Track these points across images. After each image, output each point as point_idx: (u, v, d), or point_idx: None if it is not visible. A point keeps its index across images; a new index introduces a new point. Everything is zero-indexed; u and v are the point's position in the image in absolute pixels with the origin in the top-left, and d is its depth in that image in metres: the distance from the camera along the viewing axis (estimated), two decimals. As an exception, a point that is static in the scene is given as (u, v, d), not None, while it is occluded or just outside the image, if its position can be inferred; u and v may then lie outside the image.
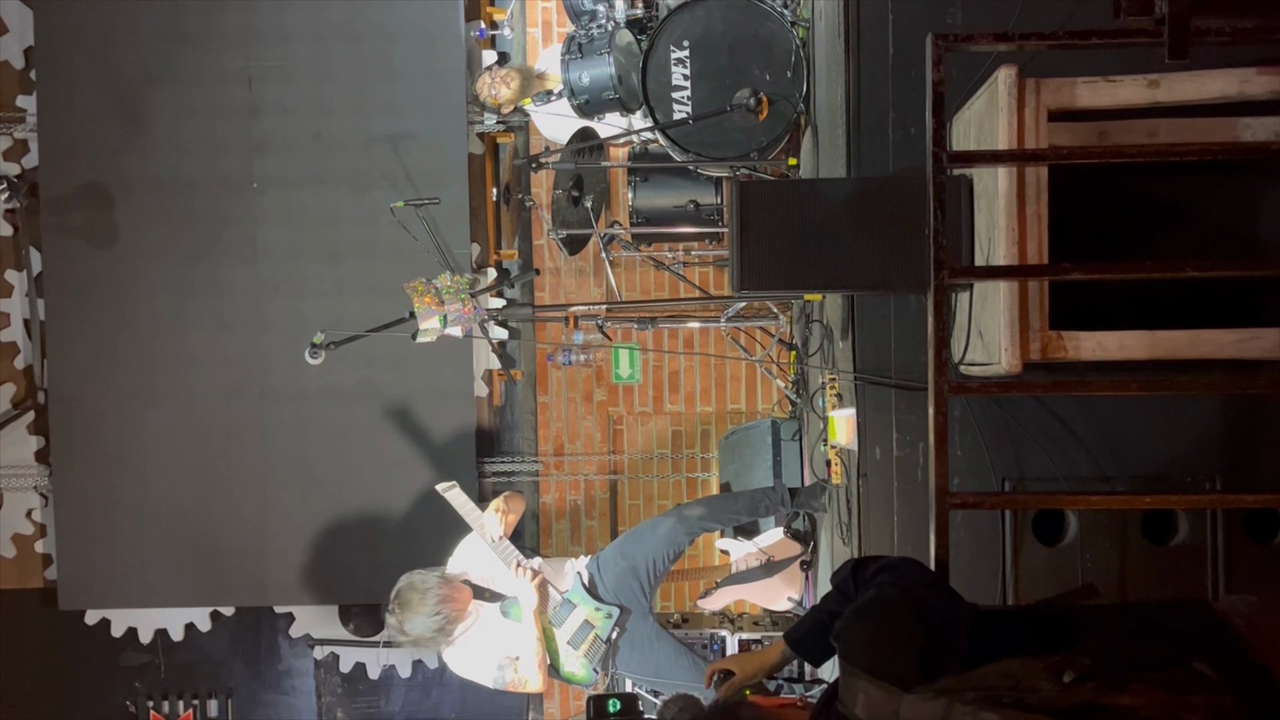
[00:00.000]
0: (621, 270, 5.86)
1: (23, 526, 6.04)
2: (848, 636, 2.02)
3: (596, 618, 4.22)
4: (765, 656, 2.57)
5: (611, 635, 4.22)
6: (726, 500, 4.76)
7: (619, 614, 4.23)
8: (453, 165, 5.76)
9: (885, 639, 1.97)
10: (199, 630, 6.08)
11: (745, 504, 4.63)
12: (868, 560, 2.26)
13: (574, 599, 4.23)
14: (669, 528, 4.39)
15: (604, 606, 4.23)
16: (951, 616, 2.01)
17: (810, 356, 4.57)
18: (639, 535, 4.43)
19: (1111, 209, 3.33)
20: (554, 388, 6.07)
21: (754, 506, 4.62)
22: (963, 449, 3.41)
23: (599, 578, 4.32)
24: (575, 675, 4.25)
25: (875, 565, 2.21)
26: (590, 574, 4.33)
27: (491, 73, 5.41)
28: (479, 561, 4.23)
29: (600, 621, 4.21)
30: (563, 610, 4.20)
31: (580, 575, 4.30)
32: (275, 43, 5.79)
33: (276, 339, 5.74)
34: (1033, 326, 2.90)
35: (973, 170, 3.20)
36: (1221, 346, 2.93)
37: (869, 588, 2.15)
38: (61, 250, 5.82)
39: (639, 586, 4.31)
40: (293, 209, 5.81)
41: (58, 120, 5.80)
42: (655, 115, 4.69)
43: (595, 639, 4.19)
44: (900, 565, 2.19)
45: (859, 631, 2.01)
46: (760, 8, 4.66)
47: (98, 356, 5.81)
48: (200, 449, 5.82)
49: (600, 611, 4.22)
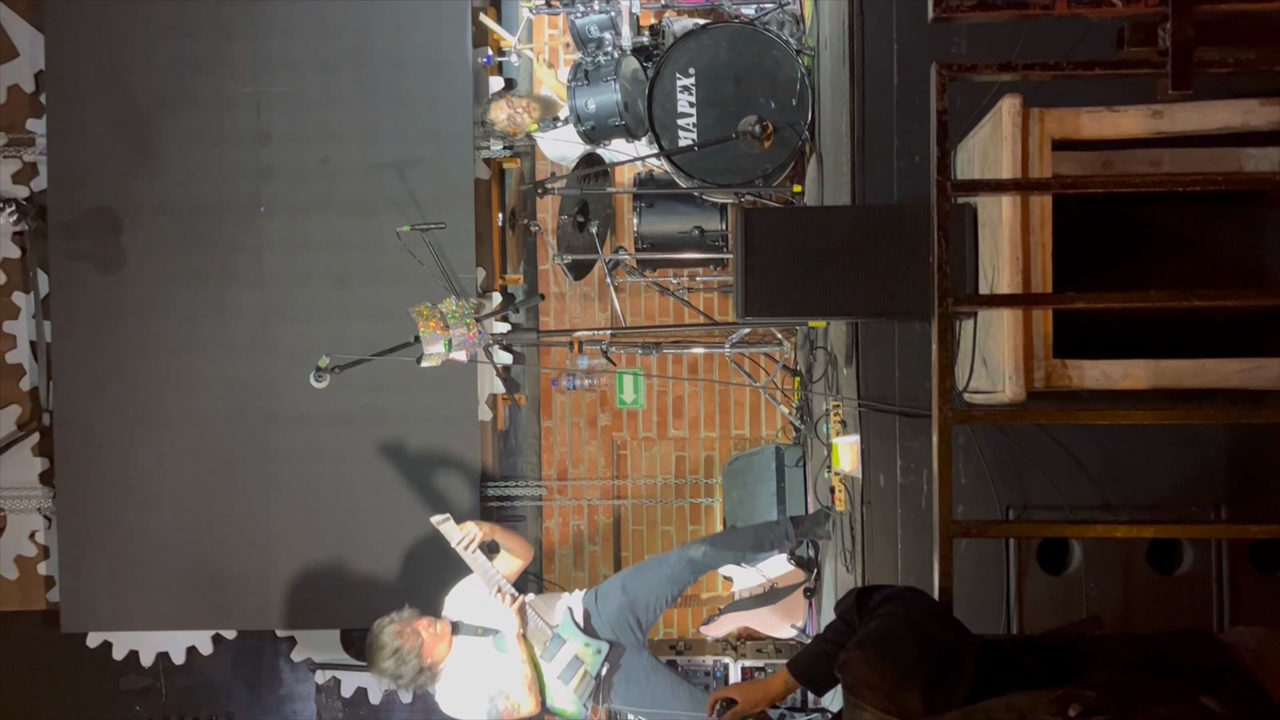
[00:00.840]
0: (626, 295, 5.87)
1: (26, 548, 6.04)
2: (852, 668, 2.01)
3: (586, 653, 4.21)
4: (768, 685, 2.55)
5: (601, 671, 4.21)
6: (732, 538, 4.75)
7: (609, 650, 4.22)
8: (459, 190, 5.79)
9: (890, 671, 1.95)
10: (201, 653, 6.06)
11: (750, 540, 4.62)
12: (872, 590, 2.25)
13: (564, 634, 4.23)
14: (673, 566, 4.38)
15: (594, 642, 4.22)
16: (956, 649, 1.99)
17: (814, 383, 4.57)
18: (643, 571, 4.43)
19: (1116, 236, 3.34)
20: (558, 412, 6.07)
21: (759, 542, 4.61)
22: (966, 476, 3.42)
23: (595, 610, 4.32)
24: (565, 711, 4.25)
25: (880, 595, 2.20)
26: (585, 608, 4.33)
27: (510, 102, 5.43)
28: (473, 603, 4.24)
29: (590, 657, 4.21)
30: (552, 645, 4.20)
31: (572, 610, 4.30)
32: (284, 69, 5.83)
33: (282, 362, 5.76)
34: (1037, 354, 2.90)
35: (977, 198, 3.21)
36: (1226, 376, 2.93)
37: (873, 618, 2.14)
38: (69, 273, 5.85)
39: (636, 621, 4.32)
40: (299, 234, 5.84)
41: (67, 144, 5.84)
42: (661, 142, 4.72)
43: (585, 675, 4.19)
44: (905, 595, 2.18)
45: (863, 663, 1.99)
46: (766, 36, 4.69)
47: (103, 379, 5.83)
48: (204, 472, 5.82)
49: (590, 647, 4.22)
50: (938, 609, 2.25)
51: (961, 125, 3.22)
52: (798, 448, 5.28)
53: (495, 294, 5.93)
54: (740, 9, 5.15)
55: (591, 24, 5.04)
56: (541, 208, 5.87)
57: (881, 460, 3.59)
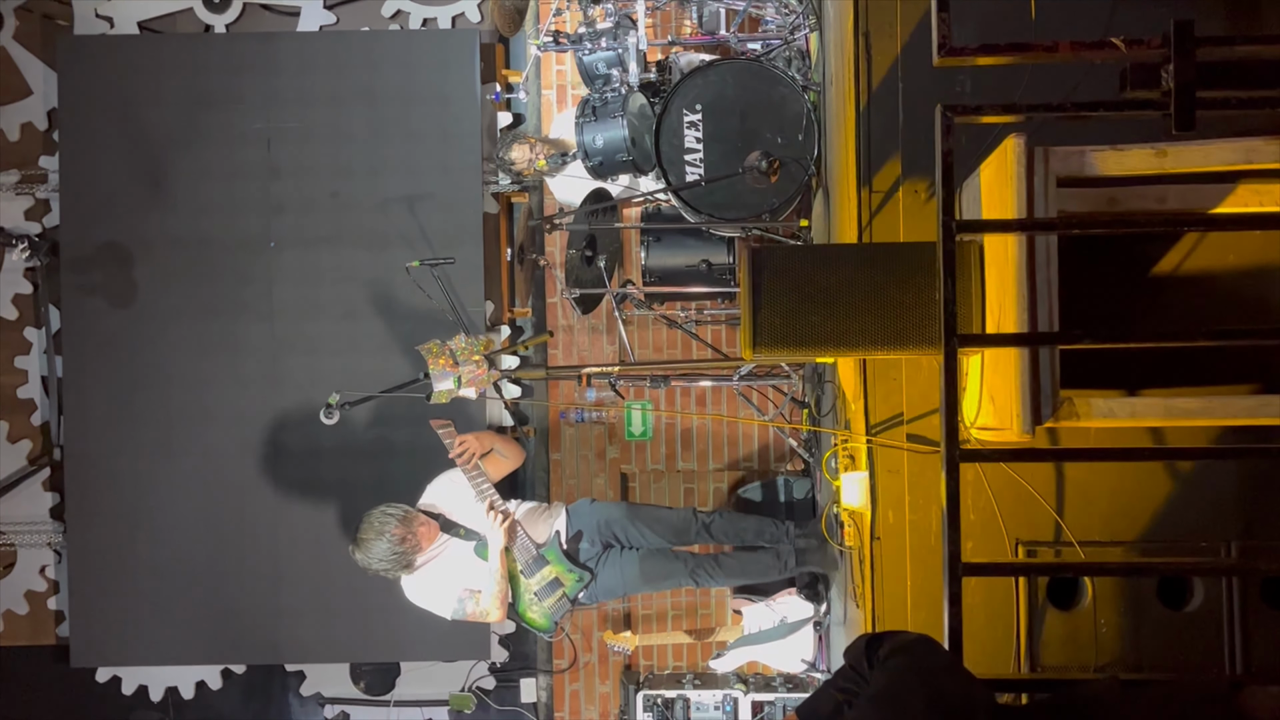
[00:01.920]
0: (634, 328, 5.89)
1: (36, 583, 6.05)
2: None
3: (568, 579, 4.30)
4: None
5: (578, 596, 4.31)
6: (738, 517, 4.86)
7: (589, 580, 4.30)
8: (468, 225, 5.82)
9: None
10: (210, 688, 6.05)
11: (753, 526, 4.73)
12: (883, 638, 2.23)
13: (548, 555, 4.28)
14: (680, 514, 4.59)
15: (576, 569, 4.30)
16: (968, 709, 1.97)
17: (823, 417, 4.58)
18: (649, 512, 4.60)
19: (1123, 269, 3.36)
20: (566, 445, 6.08)
21: (760, 531, 4.71)
22: (975, 511, 3.42)
23: (591, 532, 4.43)
24: (535, 622, 4.39)
25: (890, 645, 2.18)
26: (575, 528, 4.43)
27: (533, 146, 5.46)
28: (455, 498, 4.34)
29: (571, 583, 4.30)
30: (535, 564, 4.26)
31: (560, 534, 4.35)
32: (294, 105, 5.88)
33: (292, 396, 5.77)
34: (1044, 391, 2.91)
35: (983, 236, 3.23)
36: (1234, 411, 2.94)
37: (883, 670, 2.12)
38: (80, 308, 5.88)
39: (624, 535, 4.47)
40: (309, 268, 5.87)
41: (79, 180, 5.88)
42: (668, 177, 4.75)
43: (562, 597, 4.27)
44: (914, 648, 2.17)
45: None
46: (772, 72, 4.73)
47: (114, 413, 5.85)
48: (214, 506, 5.83)
49: (572, 574, 4.30)
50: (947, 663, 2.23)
51: (967, 162, 3.24)
52: (806, 480, 5.28)
53: (504, 327, 5.96)
54: (747, 45, 5.19)
55: (599, 61, 5.08)
56: (550, 242, 5.90)
57: (890, 496, 3.60)
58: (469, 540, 4.29)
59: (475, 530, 4.30)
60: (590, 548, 4.46)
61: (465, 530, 4.30)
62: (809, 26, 4.95)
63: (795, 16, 5.04)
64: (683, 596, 5.85)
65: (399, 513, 4.20)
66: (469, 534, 4.29)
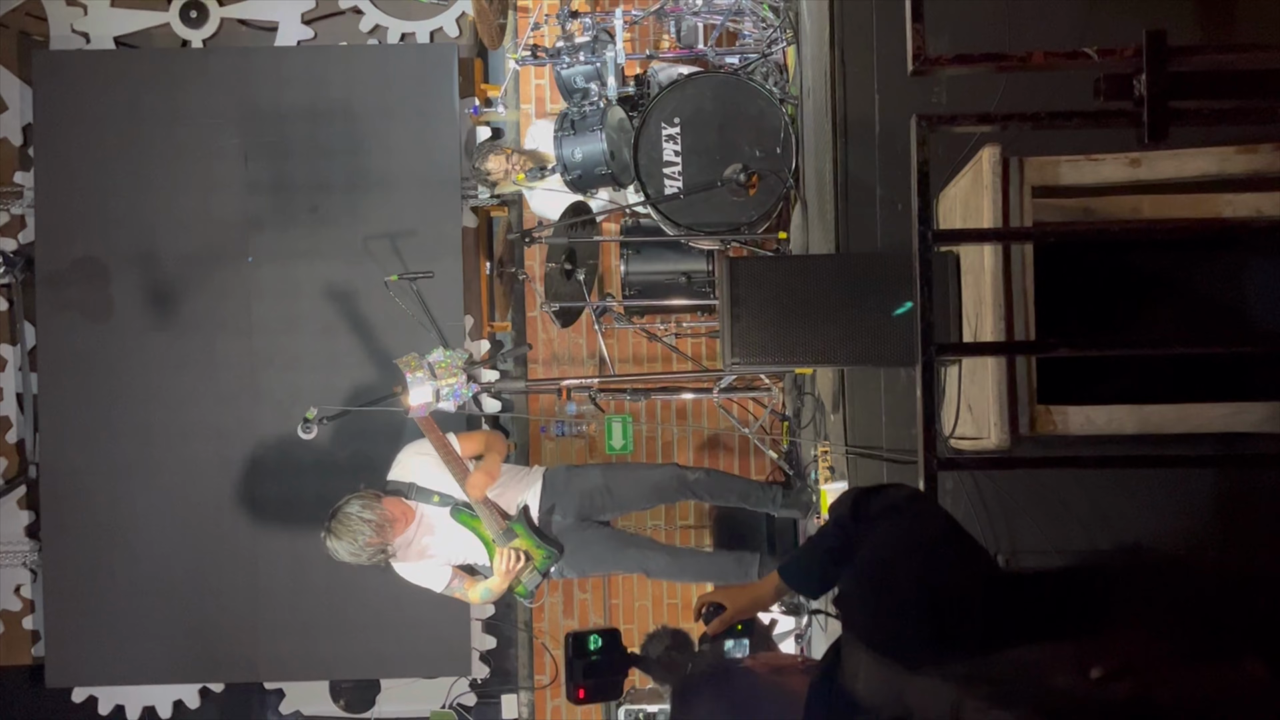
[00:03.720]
0: (614, 342, 5.89)
1: (11, 603, 5.99)
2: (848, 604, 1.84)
3: (537, 554, 4.22)
4: (758, 591, 2.35)
5: (549, 570, 4.24)
6: (724, 476, 4.83)
7: (557, 556, 4.23)
8: (447, 239, 5.82)
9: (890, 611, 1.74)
10: (188, 707, 5.99)
11: (739, 488, 4.71)
12: (871, 494, 1.99)
13: (516, 529, 4.23)
14: (663, 475, 4.55)
15: (544, 546, 4.22)
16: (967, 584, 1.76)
17: (803, 429, 4.58)
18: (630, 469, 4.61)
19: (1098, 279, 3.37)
20: (547, 458, 6.06)
21: (746, 494, 4.70)
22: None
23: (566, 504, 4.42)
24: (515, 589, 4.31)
25: (880, 503, 1.94)
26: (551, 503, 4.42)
27: (505, 153, 5.47)
28: (424, 468, 4.32)
29: (540, 558, 4.22)
30: (504, 536, 4.20)
31: (528, 508, 4.30)
32: (272, 120, 5.87)
33: (270, 412, 5.75)
34: (1021, 400, 2.91)
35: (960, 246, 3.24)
36: (1210, 420, 2.94)
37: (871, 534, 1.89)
38: (56, 325, 5.85)
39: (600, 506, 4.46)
40: (288, 283, 5.85)
41: (55, 196, 5.86)
42: (647, 190, 4.75)
43: (533, 570, 4.20)
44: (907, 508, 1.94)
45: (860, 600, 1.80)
46: (749, 85, 4.74)
47: (90, 431, 5.81)
48: (191, 523, 5.79)
49: (541, 550, 4.22)
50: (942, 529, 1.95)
51: (944, 172, 3.25)
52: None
53: (483, 341, 5.94)
54: (724, 59, 5.21)
55: (577, 74, 5.09)
56: (529, 255, 5.89)
57: (870, 506, 3.59)
58: (444, 505, 4.28)
59: (449, 495, 4.28)
60: (562, 520, 4.43)
61: (440, 496, 4.29)
62: (786, 40, 4.97)
63: (772, 30, 5.06)
64: (663, 609, 5.84)
65: (374, 518, 4.15)
66: (443, 499, 4.28)
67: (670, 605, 5.93)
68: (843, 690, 1.75)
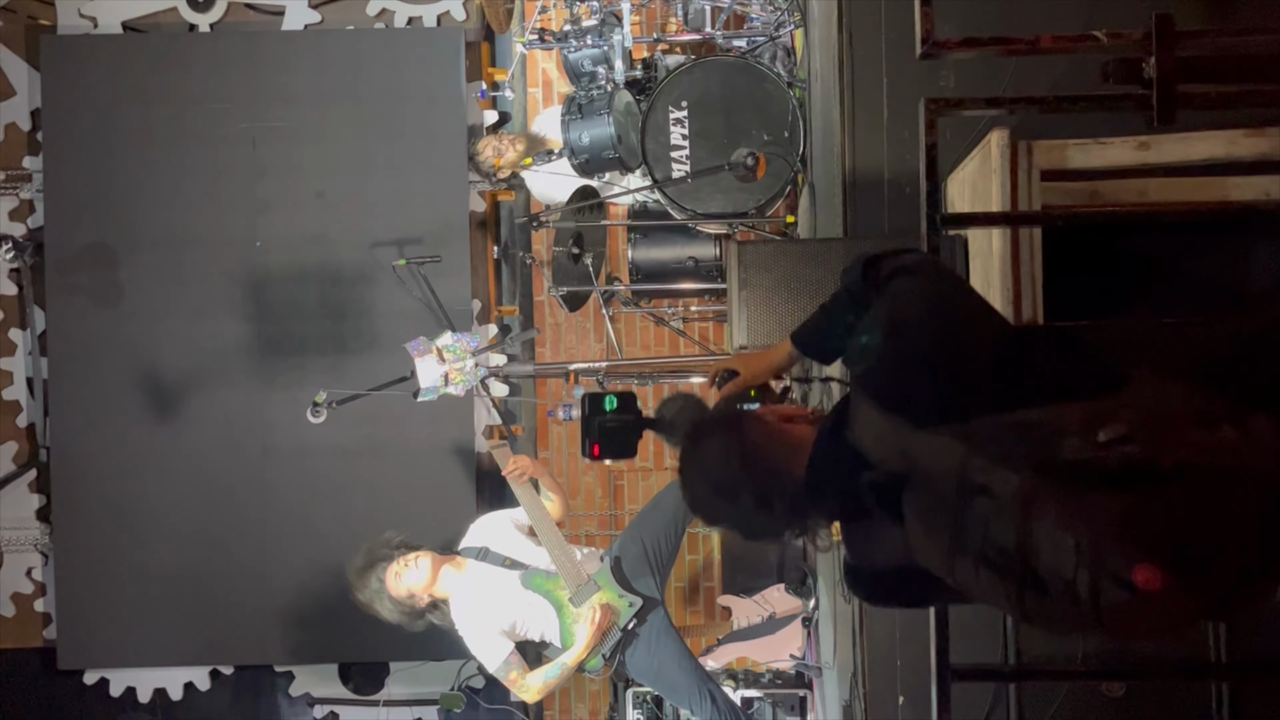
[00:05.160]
0: (621, 326, 5.90)
1: (23, 585, 6.03)
2: (858, 358, 1.82)
3: (620, 605, 4.12)
4: (771, 357, 2.30)
5: (629, 625, 4.13)
6: None
7: (641, 605, 4.14)
8: (454, 223, 5.82)
9: (899, 366, 1.72)
10: (198, 689, 6.03)
11: None
12: (881, 258, 1.92)
13: (600, 581, 4.14)
14: (672, 501, 4.36)
15: (627, 595, 4.14)
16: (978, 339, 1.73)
17: (810, 412, 4.59)
18: (647, 516, 4.41)
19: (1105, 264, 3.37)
20: (555, 443, 6.09)
21: None
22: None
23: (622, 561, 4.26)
24: (585, 663, 4.16)
25: (891, 265, 1.88)
26: (616, 557, 4.27)
27: (498, 135, 5.48)
28: (500, 532, 4.23)
29: (624, 610, 4.12)
30: (584, 591, 4.08)
31: (607, 560, 4.22)
32: (279, 104, 5.87)
33: (279, 396, 5.76)
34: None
35: (968, 230, 3.24)
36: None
37: (884, 295, 1.84)
38: (65, 309, 5.86)
39: (651, 570, 4.25)
40: (295, 267, 5.86)
41: (63, 181, 5.87)
42: (654, 174, 4.76)
43: (613, 626, 4.11)
44: (920, 268, 1.87)
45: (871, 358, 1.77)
46: (758, 69, 4.74)
47: (100, 414, 5.83)
48: (201, 506, 5.82)
49: (624, 599, 4.13)
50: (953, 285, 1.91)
51: (952, 156, 3.26)
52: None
53: (491, 326, 5.96)
54: (732, 42, 5.20)
55: (584, 58, 5.09)
56: (536, 240, 5.90)
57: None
58: (514, 570, 4.15)
59: (520, 561, 4.17)
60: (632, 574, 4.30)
61: (511, 560, 4.17)
62: (794, 23, 4.96)
63: (780, 13, 5.05)
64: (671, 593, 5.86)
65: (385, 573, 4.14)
66: (514, 564, 4.16)
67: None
68: (849, 443, 1.75)
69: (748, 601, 5.03)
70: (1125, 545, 1.45)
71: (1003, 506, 1.52)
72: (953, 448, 1.59)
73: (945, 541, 1.61)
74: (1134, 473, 1.47)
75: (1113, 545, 1.46)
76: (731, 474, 1.85)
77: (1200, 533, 1.47)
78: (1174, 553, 1.45)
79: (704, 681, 4.34)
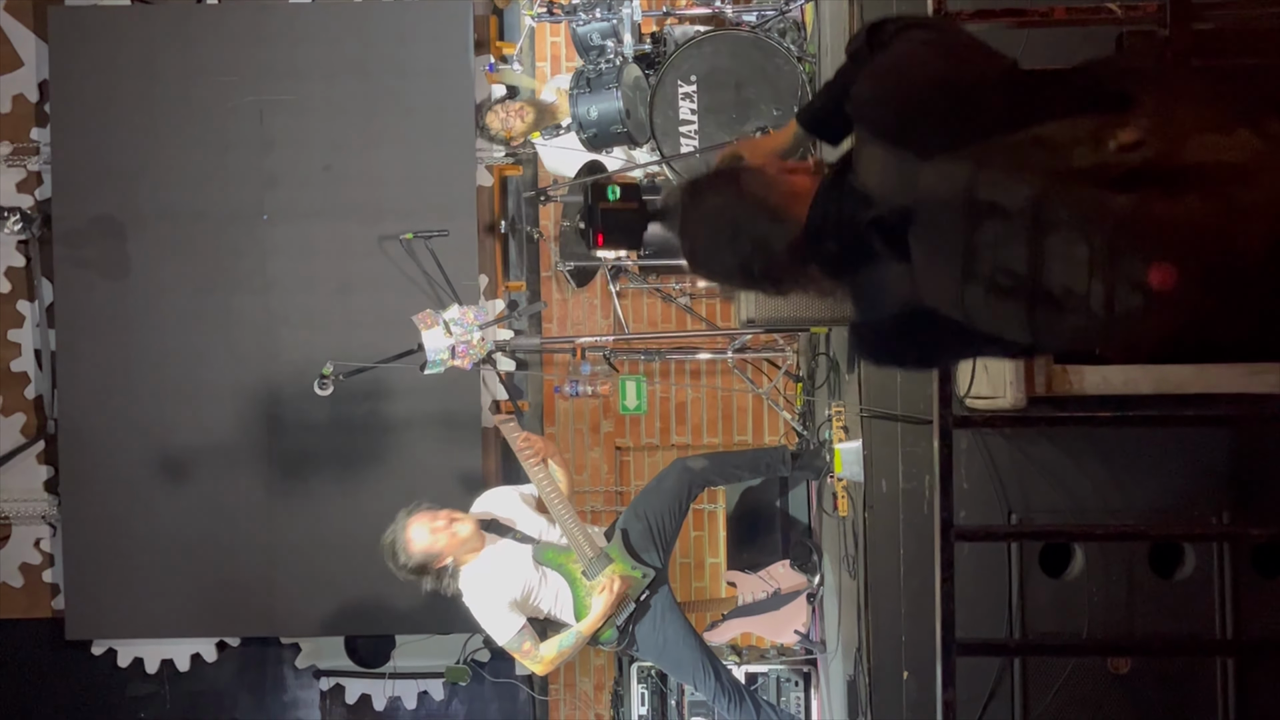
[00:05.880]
0: (629, 303, 5.88)
1: (31, 556, 6.05)
2: (861, 99, 1.77)
3: (633, 575, 4.12)
4: (777, 139, 2.23)
5: (642, 596, 4.13)
6: (729, 455, 4.78)
7: (654, 576, 4.14)
8: (461, 197, 5.81)
9: (904, 99, 1.68)
10: (205, 661, 6.07)
11: (748, 461, 4.65)
12: (886, 21, 1.86)
13: (612, 553, 4.14)
14: (674, 480, 4.37)
15: (640, 566, 4.15)
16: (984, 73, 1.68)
17: (817, 389, 4.59)
18: (649, 493, 4.41)
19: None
20: (561, 419, 6.09)
21: (755, 464, 4.64)
22: (969, 482, 3.41)
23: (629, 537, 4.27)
24: (599, 634, 4.16)
25: (895, 25, 1.82)
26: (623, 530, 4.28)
27: (505, 105, 5.47)
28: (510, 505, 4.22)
29: (638, 580, 4.13)
30: (597, 563, 4.09)
31: (627, 532, 4.23)
32: (287, 77, 5.85)
33: (286, 370, 5.76)
34: (1038, 360, 2.91)
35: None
36: (1228, 380, 2.94)
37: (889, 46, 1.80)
38: (73, 281, 5.87)
39: (655, 546, 4.26)
40: (303, 241, 5.85)
41: (71, 153, 5.86)
42: (663, 149, 4.74)
43: (628, 597, 4.12)
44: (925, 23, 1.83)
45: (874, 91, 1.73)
46: (767, 44, 4.71)
47: (108, 387, 5.84)
48: (209, 479, 5.83)
49: (637, 570, 4.13)
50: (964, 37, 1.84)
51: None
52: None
53: (498, 301, 5.95)
54: (742, 16, 5.17)
55: (593, 32, 5.05)
56: (544, 215, 5.88)
57: (884, 466, 3.60)
58: (524, 545, 4.13)
59: (530, 535, 4.15)
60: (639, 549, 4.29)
61: (521, 535, 4.15)
62: (804, -3, 4.93)
63: (791, -12, 5.01)
64: (676, 568, 5.87)
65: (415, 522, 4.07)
66: (524, 538, 4.14)
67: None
68: (853, 187, 1.72)
69: (753, 577, 5.03)
70: (1140, 244, 1.42)
71: (1013, 223, 1.49)
72: (961, 170, 1.55)
73: (955, 270, 1.56)
74: (1148, 176, 1.43)
75: (1127, 245, 1.42)
76: (731, 217, 1.81)
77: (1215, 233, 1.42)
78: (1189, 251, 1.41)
79: (708, 657, 4.35)
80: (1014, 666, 3.42)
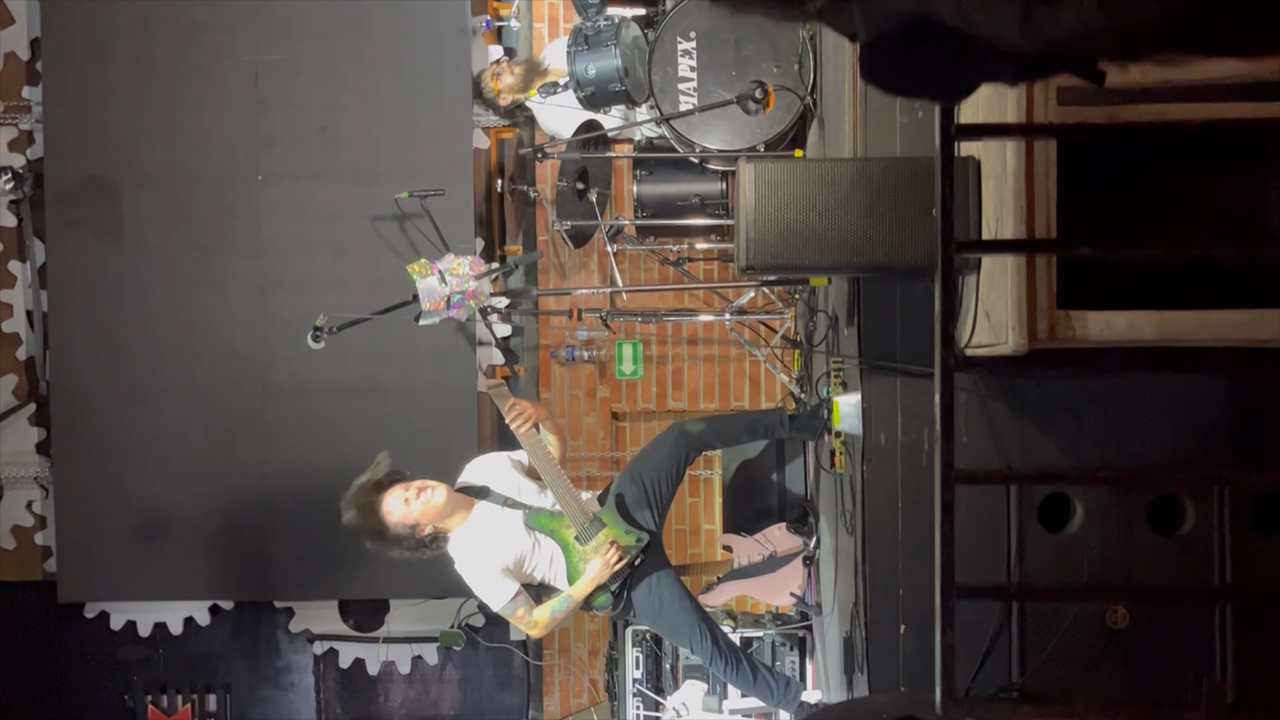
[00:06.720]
0: (626, 266, 5.84)
1: (23, 518, 6.02)
2: None
3: (628, 540, 4.08)
4: None
5: (637, 561, 4.09)
6: (726, 419, 4.75)
7: (648, 540, 4.10)
8: (458, 159, 5.75)
9: None
10: (198, 624, 6.04)
11: (745, 423, 4.61)
12: None
13: (605, 518, 4.10)
14: (670, 443, 4.31)
15: (634, 530, 4.11)
16: None
17: (815, 346, 4.55)
18: (645, 456, 4.36)
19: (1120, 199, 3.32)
20: (557, 384, 6.05)
21: (754, 426, 4.58)
22: (969, 435, 3.39)
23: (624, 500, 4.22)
24: (594, 599, 4.12)
25: None
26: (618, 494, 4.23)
27: (497, 62, 5.42)
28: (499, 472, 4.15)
29: (631, 545, 4.08)
30: (590, 528, 4.04)
31: (621, 496, 4.19)
32: (282, 37, 5.78)
33: (280, 333, 5.71)
34: (1040, 305, 2.89)
35: (981, 152, 3.19)
36: (1231, 328, 2.92)
37: None
38: (65, 242, 5.81)
39: (650, 510, 4.21)
40: (297, 203, 5.80)
41: (63, 112, 5.79)
42: (661, 107, 4.69)
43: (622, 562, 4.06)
44: None
45: None
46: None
47: (100, 348, 5.79)
48: (202, 441, 5.79)
49: (631, 535, 4.09)
50: None
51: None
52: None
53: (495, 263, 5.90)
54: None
55: (591, -11, 5.01)
56: (540, 177, 5.82)
57: (883, 419, 3.58)
58: (515, 510, 4.07)
59: (522, 501, 4.09)
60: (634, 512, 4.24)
61: (512, 501, 4.09)
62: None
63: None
64: (672, 535, 5.85)
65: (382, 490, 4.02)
66: (515, 504, 4.08)
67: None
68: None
69: (749, 540, 5.01)
70: None
71: None
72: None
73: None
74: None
75: None
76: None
77: None
78: None
79: (704, 621, 4.32)
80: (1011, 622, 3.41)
